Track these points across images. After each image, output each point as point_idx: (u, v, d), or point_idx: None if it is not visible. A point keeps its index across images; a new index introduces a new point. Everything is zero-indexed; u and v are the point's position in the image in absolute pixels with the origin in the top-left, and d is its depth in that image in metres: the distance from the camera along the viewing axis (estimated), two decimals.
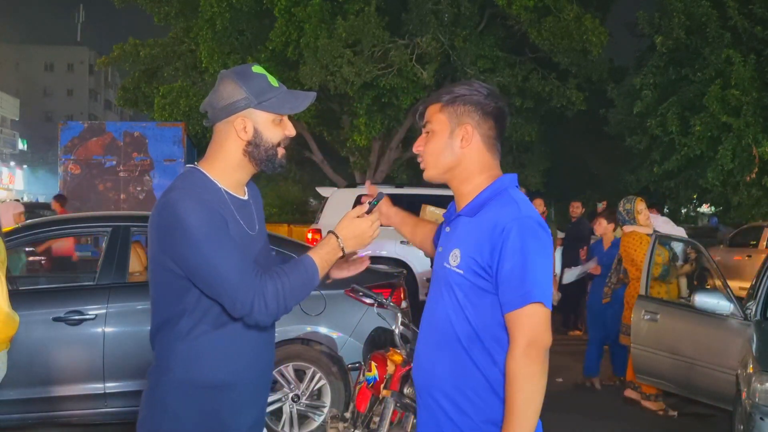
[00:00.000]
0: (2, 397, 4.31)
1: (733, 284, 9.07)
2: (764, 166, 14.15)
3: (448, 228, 2.07)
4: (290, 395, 4.91)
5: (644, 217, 6.34)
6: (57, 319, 4.59)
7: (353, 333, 4.93)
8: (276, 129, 2.04)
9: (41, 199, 35.53)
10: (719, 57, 14.19)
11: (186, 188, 1.95)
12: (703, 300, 5.14)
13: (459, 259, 1.95)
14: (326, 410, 4.86)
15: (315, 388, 4.96)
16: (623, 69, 19.75)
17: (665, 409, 5.96)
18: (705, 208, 22.74)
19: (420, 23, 16.11)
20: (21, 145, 59.54)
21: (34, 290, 5.42)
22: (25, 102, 65.25)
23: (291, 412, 4.91)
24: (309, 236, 10.36)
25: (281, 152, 2.07)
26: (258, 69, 2.04)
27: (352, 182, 15.73)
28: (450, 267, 1.97)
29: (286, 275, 1.96)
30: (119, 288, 4.77)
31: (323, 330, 4.97)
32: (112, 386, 4.62)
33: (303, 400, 4.93)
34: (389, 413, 3.52)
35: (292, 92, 2.07)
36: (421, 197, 10.31)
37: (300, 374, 5.00)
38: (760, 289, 5.04)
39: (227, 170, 2.04)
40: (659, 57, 15.44)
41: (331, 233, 2.08)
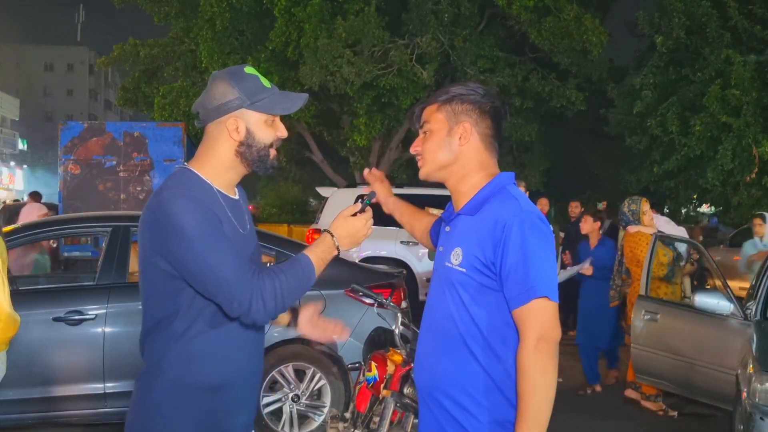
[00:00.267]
0: (2, 397, 4.32)
1: (733, 284, 9.06)
2: (764, 166, 14.14)
3: (448, 227, 2.07)
4: (290, 395, 4.91)
5: (648, 218, 6.34)
6: (57, 319, 4.60)
7: (353, 333, 4.92)
8: (268, 130, 2.04)
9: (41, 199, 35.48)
10: (719, 57, 14.18)
11: (179, 188, 1.94)
12: (703, 300, 5.14)
13: (461, 258, 1.95)
14: (326, 410, 4.87)
15: (315, 388, 4.96)
16: (623, 69, 19.74)
17: (665, 409, 5.96)
18: (705, 208, 22.73)
19: (420, 23, 16.10)
20: (21, 145, 59.49)
21: (34, 290, 5.42)
22: (25, 102, 65.21)
23: (291, 412, 4.91)
24: (309, 236, 10.37)
25: (273, 153, 2.06)
26: (250, 70, 2.04)
27: (352, 182, 15.72)
28: (452, 266, 1.97)
29: (284, 273, 1.96)
30: (119, 288, 4.78)
31: None
32: (112, 386, 4.62)
33: (303, 400, 4.93)
34: (389, 413, 3.52)
35: (285, 93, 2.07)
36: (421, 197, 10.34)
37: (300, 374, 5.00)
38: (760, 289, 5.04)
39: (219, 170, 2.03)
40: (659, 57, 15.43)
41: (327, 232, 2.08)
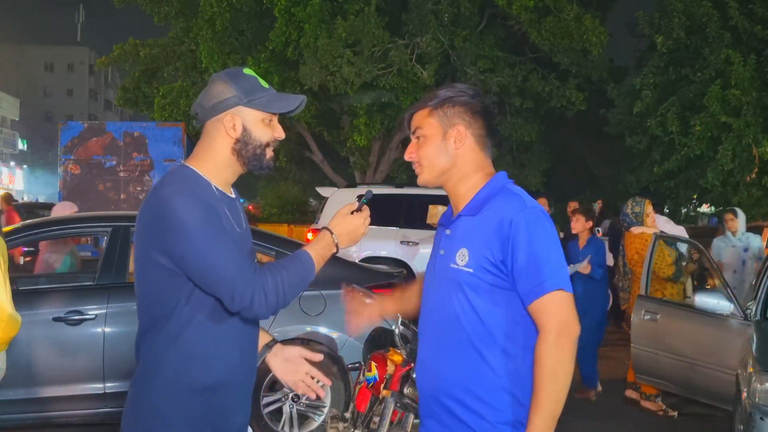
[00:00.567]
0: (2, 397, 4.31)
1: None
2: (764, 166, 14.15)
3: (449, 231, 2.06)
4: (290, 395, 4.90)
5: (651, 220, 6.34)
6: (57, 319, 4.59)
7: None
8: (265, 129, 2.05)
9: (41, 199, 35.53)
10: (719, 57, 14.19)
11: (178, 184, 1.96)
12: (703, 300, 5.14)
13: (467, 258, 1.94)
14: (326, 410, 4.86)
15: None
16: (623, 69, 19.74)
17: (665, 409, 5.95)
18: (705, 208, 22.72)
19: (420, 23, 16.10)
20: (21, 145, 59.46)
21: (34, 290, 5.42)
22: (25, 102, 65.20)
23: (291, 412, 4.91)
24: (309, 236, 10.37)
25: (270, 153, 2.07)
26: (249, 71, 2.07)
27: (352, 182, 15.74)
28: (458, 267, 1.96)
29: (285, 269, 1.97)
30: (119, 288, 4.77)
31: (323, 330, 4.97)
32: (112, 386, 4.62)
33: (303, 400, 4.92)
34: (389, 413, 3.52)
35: (282, 94, 2.09)
36: (421, 197, 10.36)
37: None
38: (760, 289, 5.04)
39: (216, 168, 2.05)
40: (659, 57, 15.44)
41: (326, 229, 2.09)
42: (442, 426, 1.99)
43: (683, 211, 19.86)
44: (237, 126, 2.01)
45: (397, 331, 3.89)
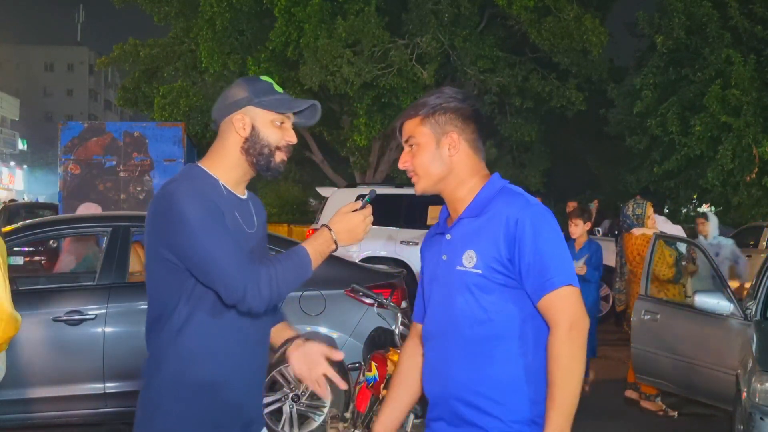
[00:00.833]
0: (2, 397, 4.31)
1: (733, 284, 9.06)
2: (764, 166, 14.16)
3: (449, 236, 2.04)
4: (290, 395, 4.91)
5: (652, 222, 6.35)
6: (57, 320, 4.59)
7: (353, 333, 4.93)
8: (274, 130, 2.07)
9: (41, 199, 35.52)
10: (719, 57, 14.19)
11: (183, 181, 2.01)
12: (703, 300, 5.14)
13: (475, 260, 1.94)
14: (326, 410, 4.87)
15: None
16: (623, 69, 19.73)
17: (665, 410, 5.95)
18: (705, 208, 22.74)
19: (420, 23, 16.10)
20: (21, 145, 59.47)
21: (34, 290, 5.42)
22: (25, 102, 65.22)
23: (291, 412, 4.91)
24: (308, 236, 10.37)
25: (279, 156, 2.08)
26: (266, 78, 2.12)
27: (352, 182, 15.73)
28: (465, 269, 1.96)
29: (280, 263, 1.99)
30: (119, 288, 4.77)
31: (323, 330, 4.97)
32: (112, 386, 4.62)
33: (303, 400, 4.92)
34: None
35: (296, 99, 2.13)
36: (421, 197, 10.36)
37: None
38: (760, 289, 5.04)
39: (225, 167, 2.08)
40: (659, 57, 15.44)
41: (325, 226, 2.11)
42: (454, 429, 1.98)
43: (683, 211, 19.87)
44: (246, 125, 2.05)
45: (397, 331, 3.90)
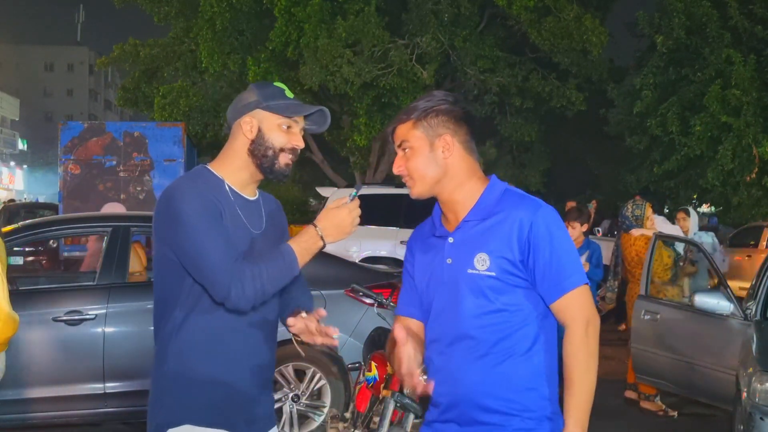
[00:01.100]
0: (2, 397, 4.31)
1: (733, 284, 9.07)
2: (764, 166, 14.16)
3: (452, 239, 2.02)
4: (290, 395, 4.90)
5: (651, 223, 6.35)
6: (57, 320, 4.59)
7: (353, 333, 4.93)
8: (281, 133, 2.10)
9: (41, 199, 35.51)
10: (719, 57, 14.20)
11: (185, 180, 2.08)
12: (703, 300, 5.13)
13: (489, 263, 1.94)
14: (326, 410, 4.86)
15: (315, 388, 4.96)
16: (623, 69, 19.74)
17: (665, 410, 5.95)
18: (705, 208, 22.73)
19: (420, 23, 16.10)
20: (21, 145, 59.46)
21: (34, 290, 5.42)
22: (25, 102, 65.22)
23: (291, 412, 4.91)
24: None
25: (283, 159, 2.10)
26: (279, 83, 2.16)
27: (352, 182, 15.74)
28: (478, 272, 1.95)
29: (264, 262, 2.01)
30: (119, 288, 4.77)
31: None
32: (112, 386, 4.61)
33: (303, 400, 4.92)
34: (389, 413, 3.52)
35: (305, 104, 2.16)
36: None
37: (300, 374, 4.99)
38: (760, 289, 5.03)
39: (233, 168, 2.12)
40: (659, 57, 15.45)
41: (311, 224, 2.12)
42: (467, 428, 1.97)
43: None
44: (253, 127, 2.09)
45: None
